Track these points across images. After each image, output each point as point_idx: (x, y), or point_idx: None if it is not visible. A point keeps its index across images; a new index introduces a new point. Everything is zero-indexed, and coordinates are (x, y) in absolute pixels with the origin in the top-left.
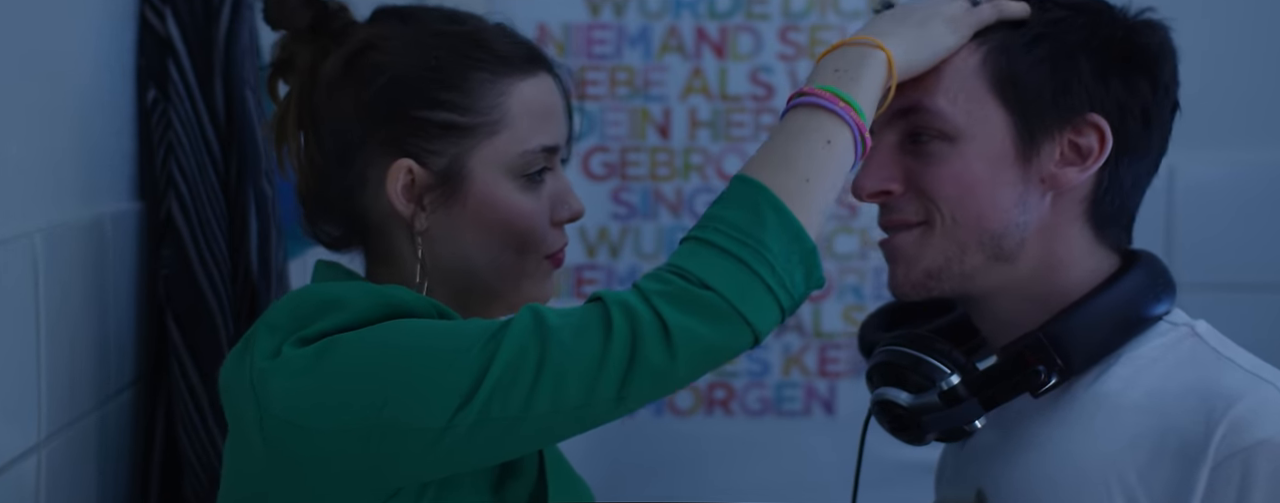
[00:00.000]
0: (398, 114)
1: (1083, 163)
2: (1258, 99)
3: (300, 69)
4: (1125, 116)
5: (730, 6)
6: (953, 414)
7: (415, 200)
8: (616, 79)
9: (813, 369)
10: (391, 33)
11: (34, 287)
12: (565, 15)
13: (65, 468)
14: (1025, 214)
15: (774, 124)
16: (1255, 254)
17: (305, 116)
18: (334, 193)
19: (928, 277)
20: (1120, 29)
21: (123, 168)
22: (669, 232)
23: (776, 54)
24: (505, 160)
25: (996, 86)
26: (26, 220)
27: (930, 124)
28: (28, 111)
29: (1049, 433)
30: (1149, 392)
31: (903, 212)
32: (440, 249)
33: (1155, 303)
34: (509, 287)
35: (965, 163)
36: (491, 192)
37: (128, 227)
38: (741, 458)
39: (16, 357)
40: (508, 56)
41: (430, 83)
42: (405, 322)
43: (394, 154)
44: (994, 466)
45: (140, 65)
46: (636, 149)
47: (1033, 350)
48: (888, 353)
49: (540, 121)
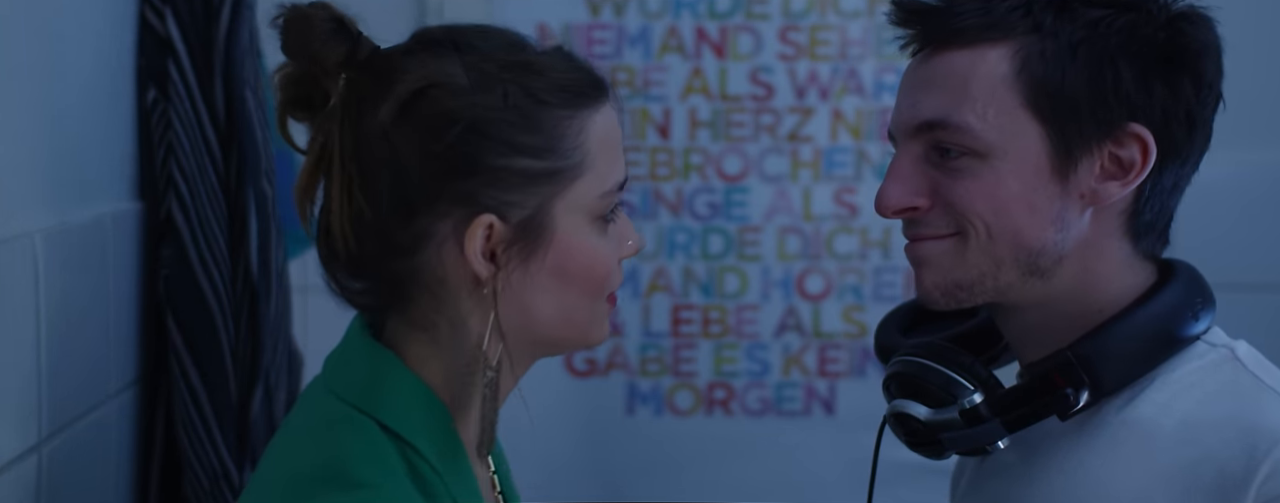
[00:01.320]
0: (475, 165)
1: (1125, 176)
2: (1259, 99)
3: (337, 110)
4: (1169, 122)
5: (730, 6)
6: (974, 434)
7: (489, 257)
8: (616, 79)
9: (813, 369)
10: (452, 69)
11: (34, 287)
12: (565, 15)
13: (65, 468)
14: (1064, 231)
15: (773, 124)
16: (1257, 254)
17: (350, 166)
18: (384, 250)
19: (958, 288)
20: (1162, 26)
21: (123, 168)
22: (669, 232)
23: (776, 54)
24: (587, 203)
25: (1030, 99)
26: (26, 220)
27: (958, 140)
28: (28, 112)
29: (1078, 458)
30: (1185, 420)
31: (932, 226)
32: (509, 311)
33: (1192, 321)
34: (577, 337)
35: (998, 179)
36: (575, 240)
37: (128, 227)
38: (741, 458)
39: (16, 357)
40: (577, 89)
41: (507, 126)
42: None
43: (472, 210)
44: (1015, 486)
45: (140, 65)
46: (636, 149)
47: (1061, 371)
48: (906, 364)
49: (615, 155)
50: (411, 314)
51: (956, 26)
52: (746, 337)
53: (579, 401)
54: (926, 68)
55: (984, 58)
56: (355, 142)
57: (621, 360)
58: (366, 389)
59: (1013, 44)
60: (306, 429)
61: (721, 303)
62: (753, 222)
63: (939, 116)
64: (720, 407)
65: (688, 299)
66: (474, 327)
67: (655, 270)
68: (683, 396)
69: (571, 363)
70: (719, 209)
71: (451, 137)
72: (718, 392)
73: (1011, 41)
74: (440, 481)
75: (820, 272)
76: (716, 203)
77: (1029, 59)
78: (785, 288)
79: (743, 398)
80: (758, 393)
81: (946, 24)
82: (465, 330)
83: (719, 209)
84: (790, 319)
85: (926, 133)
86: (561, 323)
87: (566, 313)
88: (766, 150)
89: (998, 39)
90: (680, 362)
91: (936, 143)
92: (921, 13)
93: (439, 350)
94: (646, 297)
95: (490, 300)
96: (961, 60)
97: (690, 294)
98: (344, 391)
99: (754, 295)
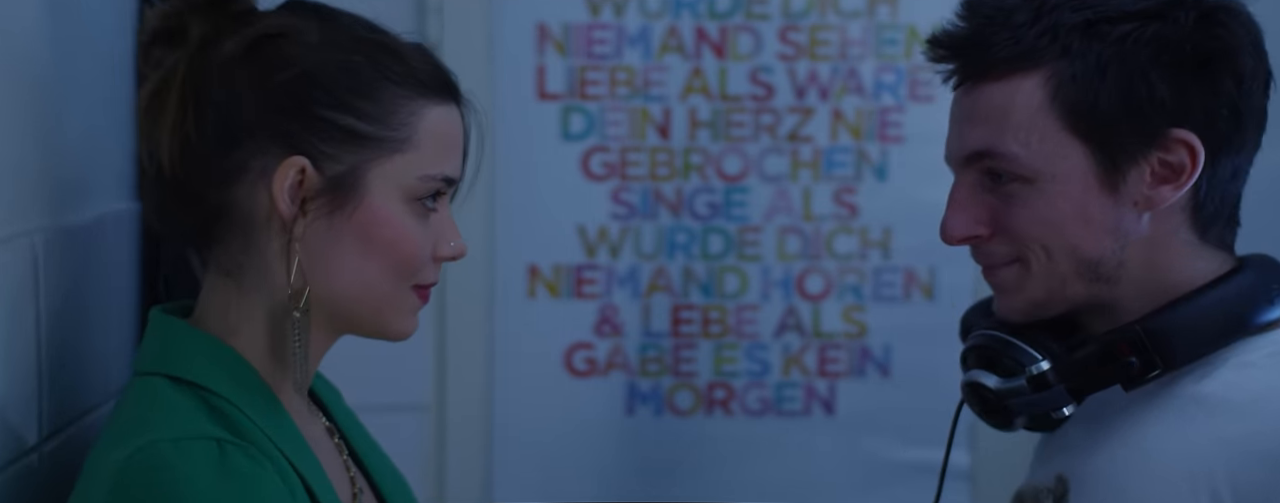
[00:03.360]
0: (302, 109)
1: (1177, 179)
2: None
3: (191, 41)
4: (1213, 121)
5: (730, 6)
6: (1040, 400)
7: (298, 204)
8: (616, 79)
9: (813, 369)
10: (307, 26)
11: (34, 287)
12: (565, 15)
13: (65, 468)
14: (1121, 239)
15: (773, 124)
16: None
17: (188, 93)
18: (203, 178)
19: (1032, 306)
20: (1190, 30)
21: (123, 168)
22: (669, 232)
23: (776, 54)
24: (403, 181)
25: (1069, 121)
26: (26, 220)
27: (1007, 168)
28: (27, 112)
29: (1142, 430)
30: (1254, 397)
31: (996, 255)
32: (309, 263)
33: (1268, 306)
34: (372, 314)
35: (1048, 202)
36: (383, 209)
37: (128, 227)
38: (741, 458)
39: (16, 357)
40: (425, 79)
41: (343, 85)
42: None
43: (288, 149)
44: (1080, 458)
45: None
46: (636, 149)
47: (1128, 341)
48: (981, 337)
49: (445, 150)
50: (220, 258)
51: (990, 59)
52: (746, 337)
53: (579, 401)
54: (969, 101)
55: (1019, 88)
56: (199, 72)
57: (621, 361)
58: (157, 354)
59: (1045, 71)
60: (110, 417)
61: (721, 303)
62: (753, 222)
63: (985, 147)
64: (720, 407)
65: (688, 299)
66: (276, 271)
67: (655, 270)
68: (683, 396)
69: (571, 363)
70: (719, 209)
71: (285, 77)
72: (718, 392)
73: (1043, 68)
74: (248, 418)
75: (820, 272)
76: (716, 203)
77: (1062, 84)
78: (785, 288)
79: (743, 398)
80: (758, 393)
81: (981, 58)
82: (269, 275)
83: (719, 209)
84: (790, 319)
85: (977, 162)
86: (360, 292)
87: (365, 283)
88: (766, 150)
89: (1030, 68)
90: (680, 362)
91: (988, 169)
92: (955, 48)
93: (242, 295)
94: (646, 297)
95: (289, 246)
96: (999, 93)
97: (690, 294)
98: (139, 364)
99: (754, 295)
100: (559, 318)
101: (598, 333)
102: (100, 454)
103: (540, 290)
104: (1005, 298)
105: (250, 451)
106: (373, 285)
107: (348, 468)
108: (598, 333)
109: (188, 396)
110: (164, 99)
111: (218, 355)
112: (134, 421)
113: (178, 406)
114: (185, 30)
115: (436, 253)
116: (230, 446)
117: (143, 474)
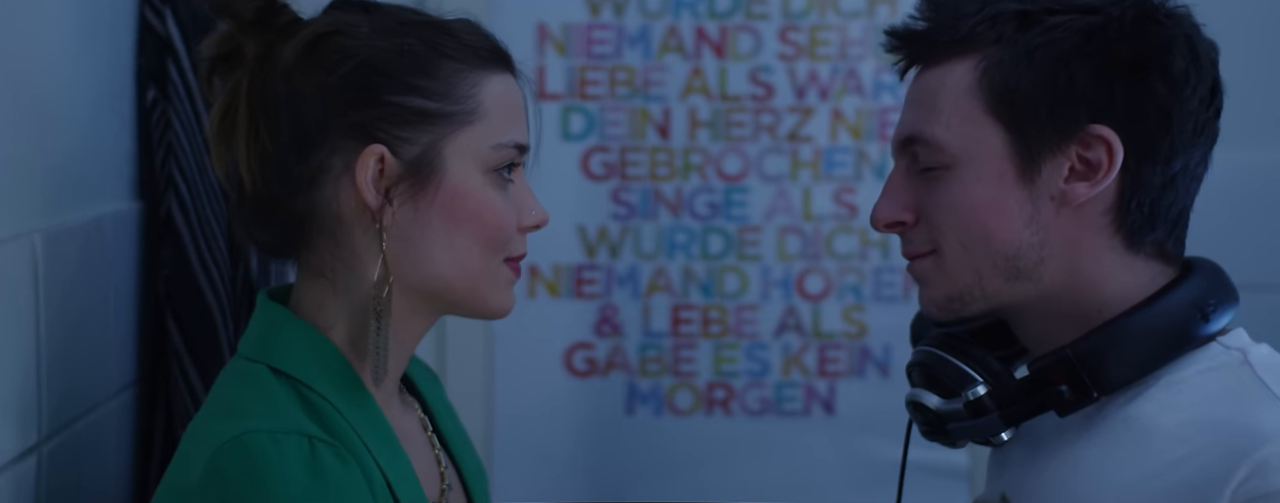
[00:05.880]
0: (368, 98)
1: (1093, 177)
2: (1258, 99)
3: (249, 59)
4: (1138, 121)
5: (730, 6)
6: (977, 426)
7: (382, 193)
8: (616, 79)
9: (812, 369)
10: (355, 19)
11: (34, 287)
12: (565, 15)
13: (65, 468)
14: (1038, 233)
15: (773, 124)
16: (1255, 254)
17: (256, 106)
18: (285, 188)
19: (950, 300)
20: (1123, 27)
21: (123, 168)
22: (669, 232)
23: (776, 54)
24: (479, 153)
25: (992, 106)
26: (26, 220)
27: (929, 154)
28: (28, 112)
29: (1077, 452)
30: (1183, 420)
31: (914, 243)
32: (401, 250)
33: (1203, 322)
34: (469, 293)
35: (963, 187)
36: (464, 183)
37: (128, 227)
38: (741, 458)
39: (16, 357)
40: (479, 50)
41: (403, 68)
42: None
43: (363, 140)
44: (1021, 474)
45: (140, 65)
46: (636, 149)
47: (1059, 368)
48: (923, 353)
49: (511, 117)
50: (310, 261)
51: (932, 46)
52: (746, 337)
53: (579, 401)
54: (911, 88)
55: (952, 72)
56: (262, 84)
57: (621, 360)
58: (260, 342)
59: (977, 56)
60: (210, 394)
61: (721, 303)
62: (753, 222)
63: (914, 132)
64: (720, 407)
65: (687, 299)
66: (369, 265)
67: (655, 270)
68: (682, 395)
69: (571, 363)
70: (719, 209)
71: (347, 70)
72: (718, 392)
73: (977, 53)
74: (339, 414)
75: (820, 272)
76: (716, 203)
77: (990, 68)
78: (785, 288)
79: (742, 398)
80: (757, 393)
81: (925, 45)
82: (361, 270)
83: (719, 209)
84: (790, 319)
85: (908, 148)
86: (456, 272)
87: (460, 261)
88: (766, 150)
89: (966, 53)
90: (680, 362)
91: (914, 157)
92: (903, 38)
93: (335, 293)
94: (646, 297)
95: (380, 236)
96: (934, 77)
97: (690, 294)
98: (244, 349)
99: (754, 295)
100: (559, 318)
101: (598, 333)
102: (202, 426)
103: (540, 290)
104: (924, 292)
105: (339, 450)
106: (466, 263)
107: (439, 463)
108: (598, 333)
109: (285, 388)
110: (233, 119)
111: (315, 348)
112: (236, 404)
113: (277, 398)
114: (241, 51)
115: (521, 223)
116: (321, 444)
117: (238, 460)
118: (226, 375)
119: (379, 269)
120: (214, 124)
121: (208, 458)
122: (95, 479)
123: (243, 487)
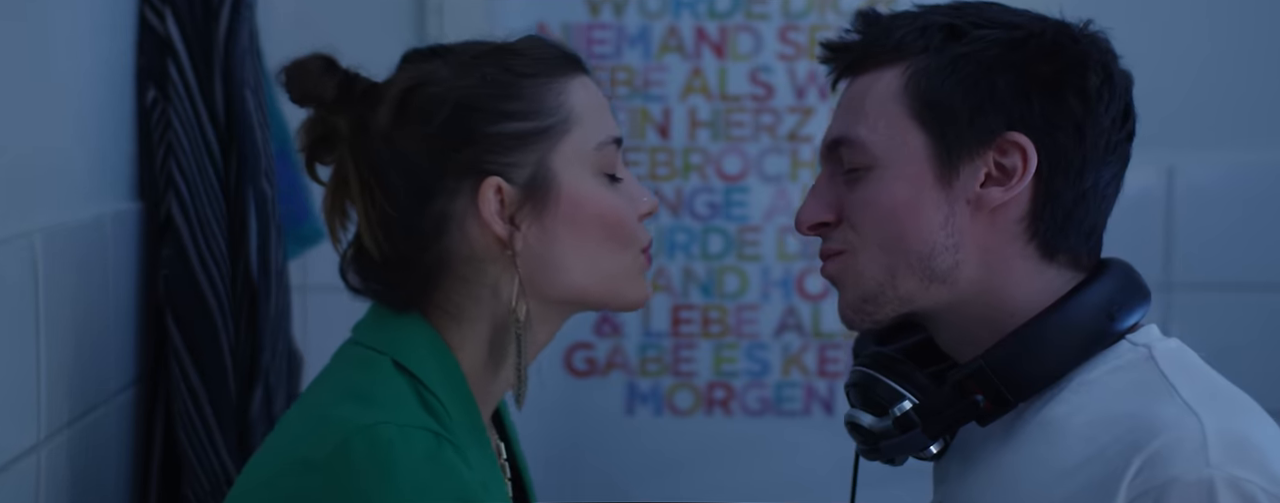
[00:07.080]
0: (469, 136)
1: (1008, 182)
2: (1257, 100)
3: (344, 133)
4: (1054, 133)
5: (730, 6)
6: (905, 441)
7: (509, 220)
8: (616, 79)
9: (812, 369)
10: (431, 67)
11: (34, 287)
12: (565, 15)
13: (65, 468)
14: (953, 236)
15: (773, 124)
16: (1255, 254)
17: (366, 175)
18: (414, 244)
19: (864, 301)
20: (1041, 44)
21: (123, 168)
22: (669, 232)
23: (776, 54)
24: (585, 156)
25: (917, 110)
26: (26, 220)
27: (853, 156)
28: (28, 111)
29: (1001, 458)
30: (1090, 419)
31: (832, 241)
32: (536, 270)
33: (1111, 322)
34: (611, 295)
35: (883, 187)
36: (581, 189)
37: (128, 227)
38: (741, 458)
39: (16, 357)
40: (550, 61)
41: (490, 99)
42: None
43: (477, 177)
44: (954, 487)
45: (140, 65)
46: (636, 149)
47: (974, 379)
48: (856, 373)
49: (601, 114)
50: (439, 301)
51: (862, 55)
52: (746, 337)
53: (579, 401)
54: (842, 95)
55: (880, 78)
56: (365, 152)
57: (621, 360)
58: (389, 337)
59: (905, 63)
60: (330, 372)
61: (721, 303)
62: (752, 221)
63: (840, 135)
64: (720, 407)
65: (687, 299)
66: (502, 293)
67: (655, 270)
68: (682, 395)
69: (571, 363)
70: (719, 209)
71: (442, 116)
72: (717, 392)
73: (905, 61)
74: (451, 420)
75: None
76: (716, 203)
77: (917, 75)
78: (785, 288)
79: (742, 398)
80: (757, 393)
81: (857, 54)
82: (496, 299)
83: (719, 209)
84: (790, 319)
85: (835, 151)
86: (593, 276)
87: (595, 265)
88: (766, 150)
89: (895, 61)
90: (680, 362)
91: (840, 160)
92: (838, 49)
93: (462, 325)
94: None
95: (514, 263)
96: (864, 83)
97: (690, 294)
98: (366, 338)
99: (754, 295)
100: None
101: (597, 333)
102: (329, 407)
103: None
104: (841, 296)
105: (460, 449)
106: (604, 267)
107: (508, 490)
108: (597, 333)
109: (407, 385)
110: (346, 193)
111: (441, 358)
112: (364, 391)
113: (403, 394)
114: (334, 130)
115: (637, 213)
116: (445, 441)
117: (369, 449)
118: (345, 359)
119: (516, 294)
120: (326, 204)
121: (338, 441)
122: (95, 479)
123: (365, 474)
